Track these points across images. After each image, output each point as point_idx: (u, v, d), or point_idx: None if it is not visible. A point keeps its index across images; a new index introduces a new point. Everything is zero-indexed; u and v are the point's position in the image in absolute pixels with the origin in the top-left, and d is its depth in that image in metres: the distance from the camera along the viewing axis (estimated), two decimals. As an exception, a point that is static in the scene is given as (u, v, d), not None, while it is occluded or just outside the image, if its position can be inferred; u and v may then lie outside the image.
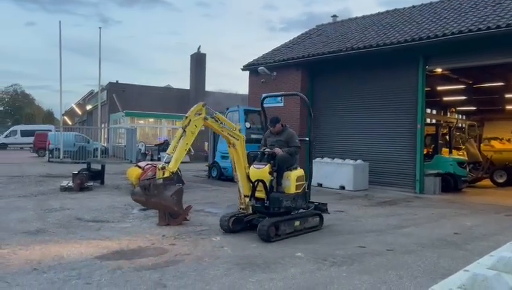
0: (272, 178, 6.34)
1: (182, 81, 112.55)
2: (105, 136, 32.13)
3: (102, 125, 31.95)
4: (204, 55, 32.62)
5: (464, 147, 16.02)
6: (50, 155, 23.52)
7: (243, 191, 6.51)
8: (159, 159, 14.63)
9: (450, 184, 13.04)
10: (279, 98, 15.44)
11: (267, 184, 6.26)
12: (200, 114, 6.21)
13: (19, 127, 41.43)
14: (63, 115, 28.99)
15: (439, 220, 8.38)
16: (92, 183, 11.78)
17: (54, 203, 9.19)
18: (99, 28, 39.28)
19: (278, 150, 6.50)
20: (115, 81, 32.95)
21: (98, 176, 12.54)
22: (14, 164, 19.95)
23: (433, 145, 14.08)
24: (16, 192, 10.79)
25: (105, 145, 28.88)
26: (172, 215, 7.06)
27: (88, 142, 25.88)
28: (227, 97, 31.10)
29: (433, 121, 18.40)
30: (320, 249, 5.74)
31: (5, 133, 40.70)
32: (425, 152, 13.16)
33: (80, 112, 50.08)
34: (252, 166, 6.56)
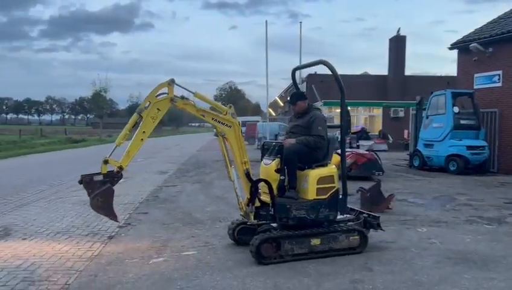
0: (282, 177, 4.74)
1: (381, 67, 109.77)
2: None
3: (303, 115, 33.74)
4: (404, 37, 30.90)
5: None
6: (258, 143, 26.32)
7: (242, 192, 4.91)
8: (357, 147, 14.65)
9: None
10: (496, 78, 13.44)
11: (274, 185, 4.67)
12: (166, 94, 4.57)
13: (234, 119, 47.71)
14: (267, 107, 31.94)
15: None
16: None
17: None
18: (300, 22, 42.12)
19: (288, 141, 4.90)
20: (313, 73, 34.33)
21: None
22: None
23: None
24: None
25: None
26: (375, 202, 7.05)
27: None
28: (430, 81, 28.77)
29: None
30: (555, 253, 4.84)
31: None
32: None
33: (281, 104, 54.12)
34: (262, 161, 5.11)
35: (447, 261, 4.56)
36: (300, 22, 43.43)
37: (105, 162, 4.31)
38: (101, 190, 4.29)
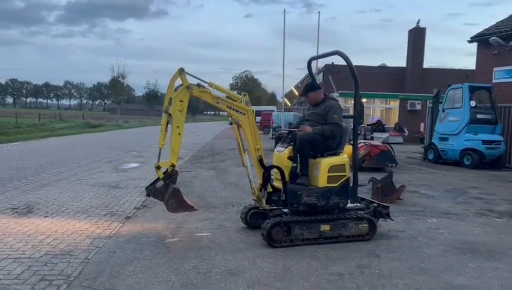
0: (294, 165, 4.84)
1: (398, 59, 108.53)
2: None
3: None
4: (423, 29, 30.42)
5: None
6: (273, 132, 26.41)
7: (255, 178, 5.06)
8: (372, 139, 14.67)
9: None
10: (516, 72, 13.25)
11: (286, 172, 4.82)
12: (181, 85, 4.73)
13: (249, 108, 47.94)
14: (282, 97, 31.97)
15: None
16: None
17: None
18: (319, 12, 42.11)
19: (305, 128, 4.98)
20: (330, 63, 34.12)
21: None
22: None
23: None
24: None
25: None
26: (386, 193, 7.13)
27: (305, 122, 27.88)
28: (448, 74, 28.37)
29: None
30: None
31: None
32: None
33: (297, 94, 53.98)
34: (275, 148, 5.30)
35: (454, 250, 4.65)
36: (319, 12, 43.39)
37: (158, 167, 4.62)
38: (169, 193, 4.63)
